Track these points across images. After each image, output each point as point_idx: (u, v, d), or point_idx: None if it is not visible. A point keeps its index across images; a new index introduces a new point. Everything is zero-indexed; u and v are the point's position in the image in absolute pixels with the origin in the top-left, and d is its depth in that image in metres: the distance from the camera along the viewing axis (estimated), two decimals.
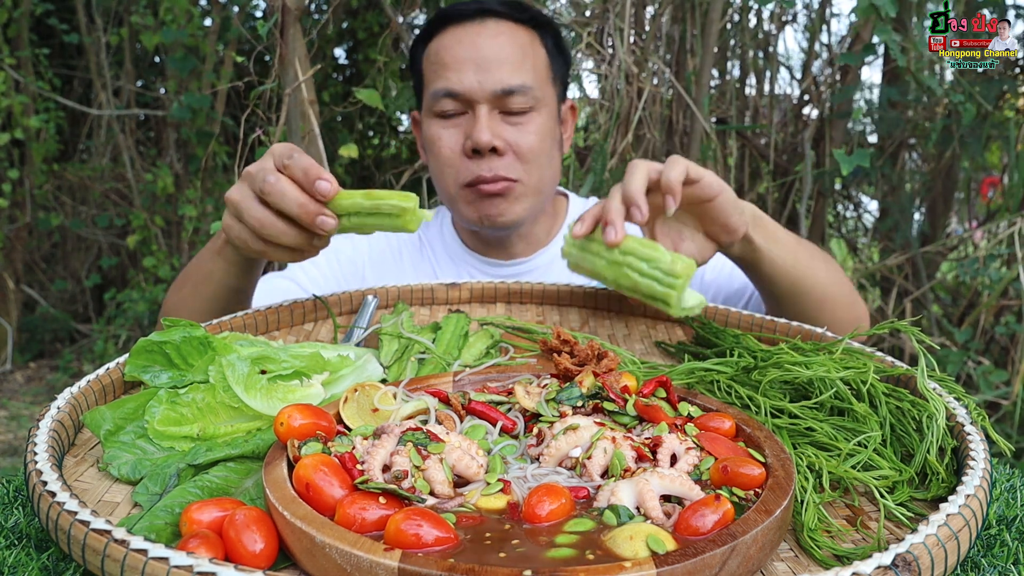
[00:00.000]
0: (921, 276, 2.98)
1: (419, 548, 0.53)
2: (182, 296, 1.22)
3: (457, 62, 1.39)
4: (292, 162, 0.95)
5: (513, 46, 1.40)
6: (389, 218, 0.96)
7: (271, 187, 0.95)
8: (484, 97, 1.38)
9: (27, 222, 4.57)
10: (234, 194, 1.00)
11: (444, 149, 1.42)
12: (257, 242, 1.00)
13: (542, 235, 1.57)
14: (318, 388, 0.84)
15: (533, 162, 1.42)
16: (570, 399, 0.74)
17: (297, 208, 0.94)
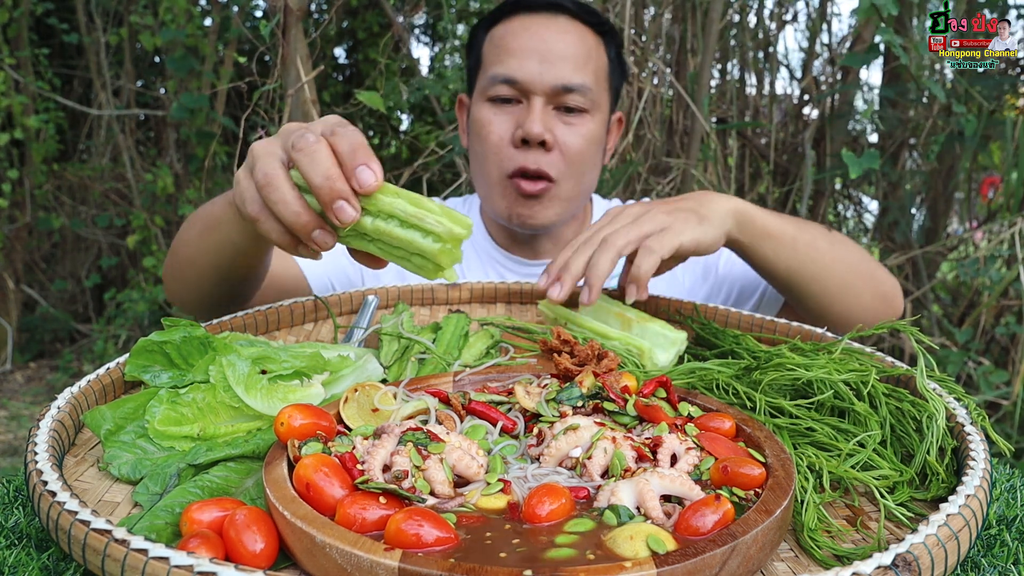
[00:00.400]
0: (921, 276, 2.97)
1: (419, 548, 0.53)
2: (187, 238, 1.13)
3: (521, 50, 1.38)
4: (344, 131, 0.79)
5: (579, 46, 1.40)
6: (424, 238, 0.77)
7: (305, 144, 0.77)
8: (542, 89, 1.37)
9: (27, 222, 4.57)
10: (259, 144, 0.84)
11: (493, 135, 1.41)
12: (255, 203, 0.81)
13: (570, 236, 1.57)
14: (318, 388, 0.84)
15: (577, 165, 1.41)
16: (570, 399, 0.74)
17: (321, 179, 0.76)
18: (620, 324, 1.07)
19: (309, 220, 0.79)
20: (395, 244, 0.79)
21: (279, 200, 0.78)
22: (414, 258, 0.79)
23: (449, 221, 0.77)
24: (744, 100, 3.20)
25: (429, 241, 0.77)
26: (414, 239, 0.77)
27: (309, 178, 0.76)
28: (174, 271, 1.20)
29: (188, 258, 1.12)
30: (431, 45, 5.43)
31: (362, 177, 0.77)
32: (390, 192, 0.78)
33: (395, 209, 0.77)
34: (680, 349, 1.02)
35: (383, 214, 0.78)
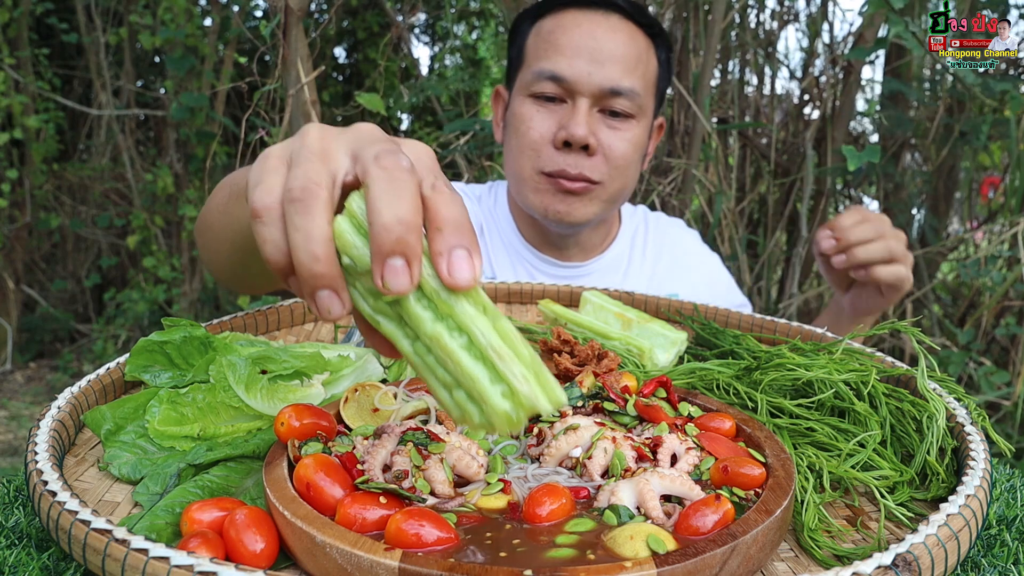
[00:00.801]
0: (922, 276, 2.97)
1: (420, 548, 0.53)
2: (214, 204, 0.98)
3: (571, 47, 1.33)
4: (451, 193, 0.54)
5: (631, 47, 1.35)
6: (493, 384, 0.51)
7: (395, 164, 0.52)
8: (589, 91, 1.32)
9: (27, 222, 4.57)
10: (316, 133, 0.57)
11: (533, 132, 1.36)
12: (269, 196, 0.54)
13: (597, 241, 1.54)
14: (318, 388, 0.84)
15: (619, 170, 1.38)
16: (570, 399, 0.74)
17: (394, 220, 0.50)
18: (620, 324, 1.07)
19: (325, 273, 0.52)
20: (445, 365, 0.52)
21: (302, 227, 0.52)
22: (458, 394, 0.53)
23: (537, 384, 0.52)
24: (745, 100, 3.20)
25: (498, 392, 0.51)
26: (479, 378, 0.51)
27: (378, 209, 0.50)
28: (199, 237, 1.08)
29: (209, 225, 0.99)
30: (431, 45, 5.43)
31: (458, 265, 0.51)
32: (477, 301, 0.52)
33: (474, 327, 0.52)
34: (680, 349, 1.02)
35: (452, 322, 0.52)
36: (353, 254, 0.52)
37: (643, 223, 1.64)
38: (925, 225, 3.08)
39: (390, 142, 0.55)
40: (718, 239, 2.86)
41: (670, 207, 2.80)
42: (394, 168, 0.51)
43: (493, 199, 1.58)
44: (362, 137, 0.57)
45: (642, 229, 1.63)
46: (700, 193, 2.88)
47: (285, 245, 0.53)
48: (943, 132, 2.85)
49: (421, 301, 0.52)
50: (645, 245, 1.60)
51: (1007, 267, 2.77)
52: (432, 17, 5.01)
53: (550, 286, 1.24)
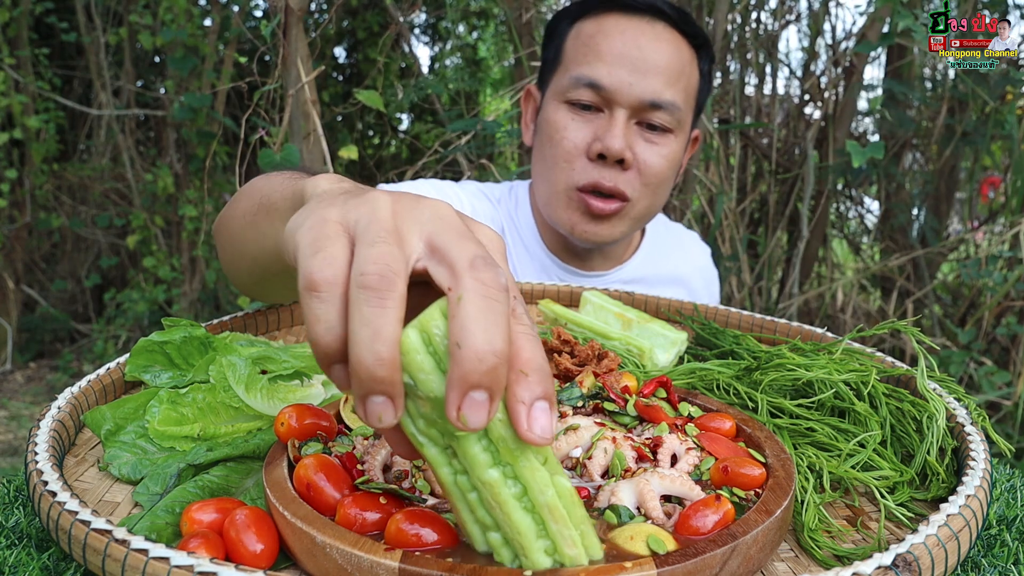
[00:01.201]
0: (923, 276, 2.98)
1: (420, 548, 0.53)
2: (238, 212, 0.89)
3: (612, 55, 1.26)
4: (522, 307, 0.48)
5: (675, 58, 1.29)
6: (537, 539, 0.49)
7: (493, 279, 0.45)
8: (628, 102, 1.26)
9: (27, 222, 4.57)
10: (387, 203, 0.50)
11: (567, 142, 1.30)
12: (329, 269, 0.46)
13: (620, 251, 1.51)
14: (319, 388, 0.84)
15: (653, 187, 1.33)
16: (570, 399, 0.74)
17: (487, 349, 0.43)
18: (620, 324, 1.07)
19: (387, 378, 0.45)
20: (491, 510, 0.49)
21: (373, 322, 0.44)
22: (493, 536, 0.50)
23: (582, 550, 0.50)
24: (746, 100, 3.20)
25: (541, 548, 0.49)
26: (526, 532, 0.49)
27: (472, 332, 0.43)
28: (218, 239, 1.01)
29: (231, 233, 0.92)
30: (431, 45, 5.43)
31: (539, 420, 0.46)
32: (541, 452, 0.49)
33: (533, 482, 0.48)
34: (680, 349, 1.02)
35: (511, 470, 0.48)
36: (419, 377, 0.45)
37: (664, 232, 1.63)
38: (925, 225, 3.08)
39: (475, 239, 0.48)
40: (719, 239, 2.86)
41: (671, 207, 2.80)
42: (492, 285, 0.44)
43: (514, 202, 1.52)
44: (441, 221, 0.49)
45: (663, 238, 1.61)
46: (701, 193, 2.89)
47: (342, 330, 0.46)
48: (945, 132, 2.85)
49: (482, 441, 0.47)
50: (668, 256, 1.59)
51: (1008, 267, 2.77)
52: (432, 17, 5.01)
53: (550, 286, 1.24)
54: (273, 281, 0.88)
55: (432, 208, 0.50)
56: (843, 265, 3.59)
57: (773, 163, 3.08)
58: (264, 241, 0.80)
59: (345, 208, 0.49)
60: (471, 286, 0.44)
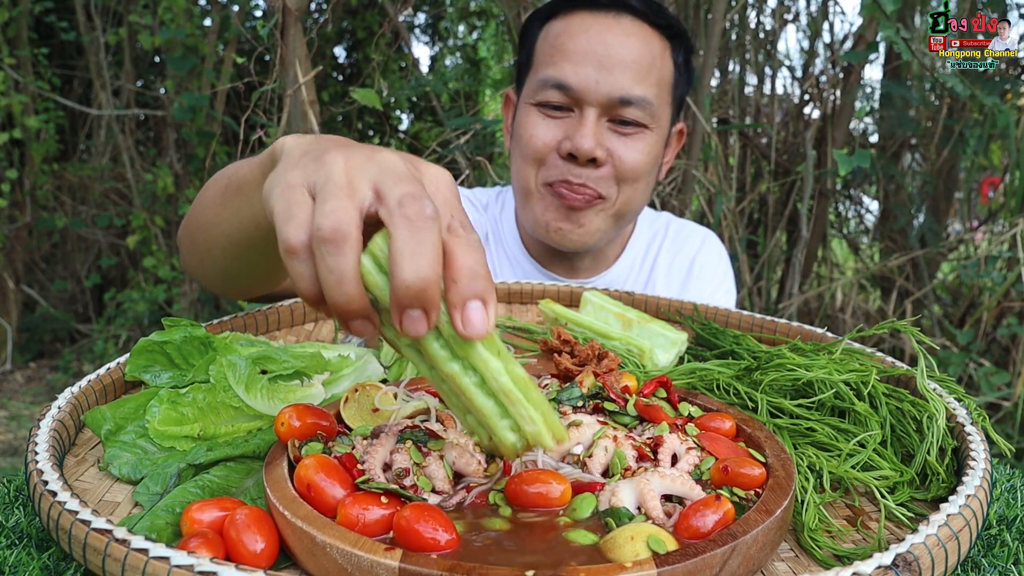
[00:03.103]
0: (923, 276, 2.98)
1: (427, 547, 0.53)
2: (207, 200, 0.93)
3: (578, 53, 1.24)
4: (469, 236, 0.55)
5: (643, 52, 1.26)
6: (502, 419, 0.57)
7: (418, 213, 0.53)
8: (597, 100, 1.24)
9: (27, 222, 4.57)
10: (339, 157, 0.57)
11: (536, 142, 1.28)
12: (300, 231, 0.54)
13: (610, 253, 1.47)
14: (319, 388, 0.84)
15: (630, 183, 1.29)
16: (571, 399, 0.74)
17: (414, 277, 0.51)
18: (621, 324, 1.07)
19: (359, 309, 0.54)
20: (459, 397, 0.58)
21: (335, 269, 0.53)
22: (470, 417, 0.59)
23: (545, 426, 0.57)
24: (745, 100, 3.20)
25: (506, 426, 0.57)
26: (489, 413, 0.57)
27: (399, 263, 0.52)
28: (187, 238, 1.02)
29: (201, 224, 0.94)
30: (431, 44, 5.43)
31: (470, 317, 0.53)
32: (491, 346, 0.55)
33: (487, 371, 0.55)
34: (680, 349, 1.02)
35: (466, 363, 0.56)
36: (376, 293, 0.55)
37: (663, 231, 1.56)
38: (925, 226, 3.09)
39: (413, 179, 0.56)
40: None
41: (670, 207, 2.80)
42: (417, 218, 0.52)
43: (500, 207, 1.51)
44: (385, 170, 0.56)
45: (660, 238, 1.54)
46: (700, 193, 2.88)
47: (314, 279, 0.55)
48: (943, 133, 2.85)
49: (439, 340, 0.55)
50: (658, 256, 1.52)
51: (1007, 267, 2.77)
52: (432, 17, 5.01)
53: (550, 286, 1.24)
54: (251, 257, 0.89)
55: (380, 159, 0.58)
56: (843, 265, 3.59)
57: (772, 163, 3.08)
58: (240, 216, 0.84)
59: (305, 171, 0.57)
60: (398, 222, 0.52)
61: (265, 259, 0.90)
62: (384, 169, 0.56)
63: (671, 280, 1.50)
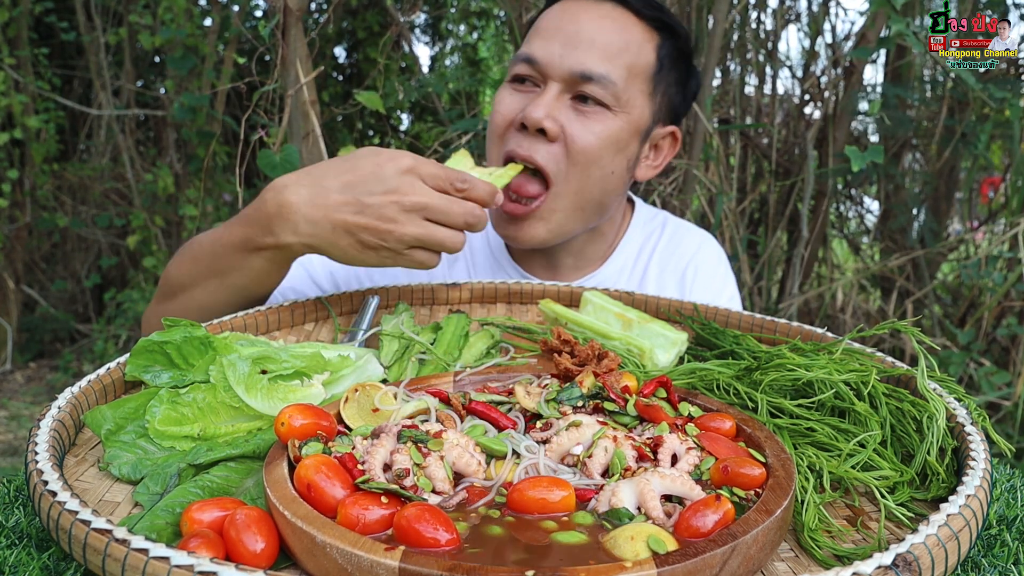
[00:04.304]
0: (923, 277, 2.97)
1: (428, 546, 0.53)
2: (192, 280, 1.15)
3: (549, 30, 1.26)
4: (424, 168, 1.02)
5: (616, 34, 1.25)
6: None
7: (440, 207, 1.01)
8: (559, 74, 1.23)
9: (27, 222, 4.57)
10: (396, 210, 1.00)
11: (498, 115, 1.28)
12: (399, 258, 1.03)
13: (593, 254, 1.42)
14: (319, 388, 0.84)
15: (582, 165, 1.24)
16: (570, 399, 0.74)
17: (462, 220, 1.03)
18: (621, 324, 1.07)
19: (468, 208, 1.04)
20: None
21: (459, 212, 1.02)
22: None
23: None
24: (746, 100, 3.20)
25: None
26: None
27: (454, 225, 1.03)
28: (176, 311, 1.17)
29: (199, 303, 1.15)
30: (431, 45, 5.43)
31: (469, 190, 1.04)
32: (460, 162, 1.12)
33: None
34: (680, 349, 1.02)
35: None
36: None
37: (659, 231, 1.50)
38: (924, 226, 3.09)
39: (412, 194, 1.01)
40: (719, 239, 2.86)
41: (671, 207, 2.80)
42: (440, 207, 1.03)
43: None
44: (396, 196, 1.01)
45: (654, 239, 1.49)
46: (701, 193, 2.88)
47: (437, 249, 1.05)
48: (944, 133, 2.85)
49: None
50: (651, 257, 1.47)
51: (1007, 268, 2.77)
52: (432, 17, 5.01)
53: (550, 286, 1.24)
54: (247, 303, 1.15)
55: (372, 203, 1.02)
56: (843, 265, 3.59)
57: (773, 163, 3.08)
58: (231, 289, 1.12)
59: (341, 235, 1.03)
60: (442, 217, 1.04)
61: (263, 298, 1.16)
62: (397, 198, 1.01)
63: (663, 287, 1.44)
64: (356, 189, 1.00)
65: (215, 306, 1.13)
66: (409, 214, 1.00)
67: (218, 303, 1.13)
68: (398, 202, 0.99)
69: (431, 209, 1.00)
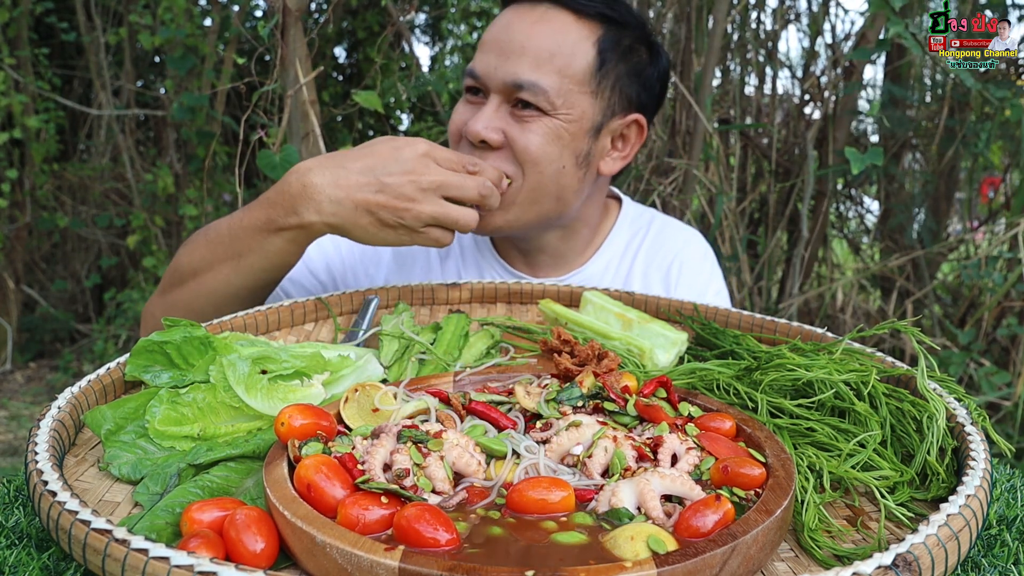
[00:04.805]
0: (923, 277, 2.97)
1: (428, 546, 0.53)
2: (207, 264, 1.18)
3: (488, 42, 1.30)
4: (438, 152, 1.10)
5: (547, 39, 1.26)
6: None
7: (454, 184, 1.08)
8: (496, 85, 1.27)
9: (27, 222, 4.57)
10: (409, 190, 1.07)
11: (452, 126, 1.34)
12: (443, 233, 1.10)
13: (570, 252, 1.44)
14: (319, 388, 0.84)
15: (530, 166, 1.27)
16: (570, 399, 0.74)
17: (477, 193, 1.11)
18: (621, 324, 1.07)
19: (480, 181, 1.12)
20: None
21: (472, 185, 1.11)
22: None
23: None
24: (746, 100, 3.20)
25: None
26: None
27: (469, 199, 1.11)
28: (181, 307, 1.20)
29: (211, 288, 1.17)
30: (431, 44, 5.43)
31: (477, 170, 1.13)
32: None
33: None
34: (680, 349, 1.02)
35: None
36: None
37: (645, 229, 1.51)
38: (924, 226, 3.09)
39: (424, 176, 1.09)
40: (719, 239, 2.86)
41: (671, 207, 2.80)
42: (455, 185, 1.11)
43: None
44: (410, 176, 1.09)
45: (640, 236, 1.50)
46: (701, 193, 2.88)
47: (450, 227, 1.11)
48: (945, 133, 2.85)
49: None
50: (636, 255, 1.49)
51: (1007, 268, 2.77)
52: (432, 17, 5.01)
53: (550, 286, 1.24)
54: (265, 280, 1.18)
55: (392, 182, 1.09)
56: (843, 265, 3.59)
57: (773, 163, 3.08)
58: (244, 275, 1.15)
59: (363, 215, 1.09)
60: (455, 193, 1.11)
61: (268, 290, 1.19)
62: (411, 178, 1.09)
63: (649, 283, 1.46)
64: (376, 171, 1.07)
65: (226, 290, 1.17)
66: (426, 192, 1.07)
67: (230, 287, 1.16)
68: (415, 181, 1.06)
69: (447, 185, 1.08)
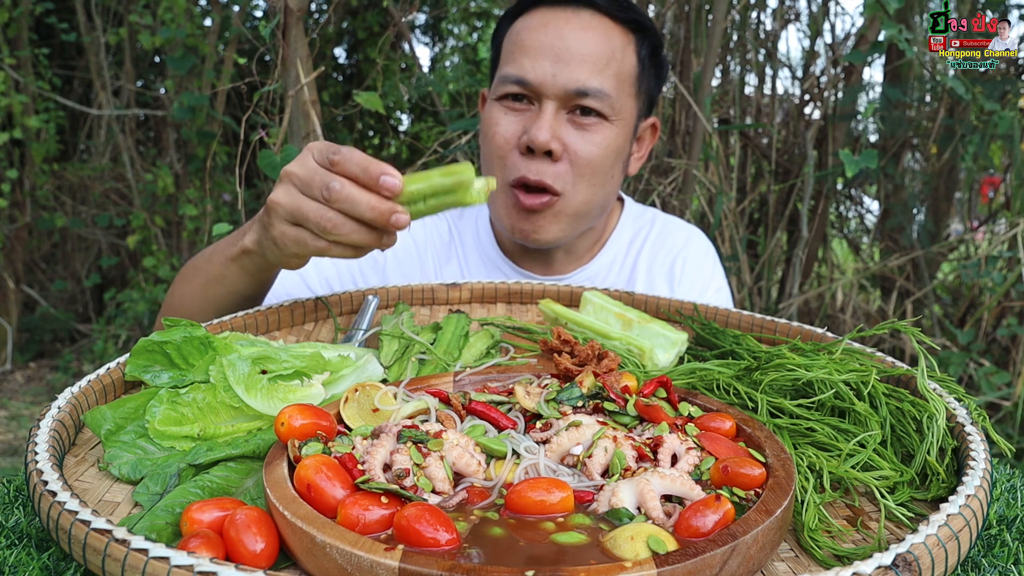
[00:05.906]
0: (923, 277, 2.98)
1: (428, 546, 0.53)
2: (189, 293, 1.16)
3: (536, 48, 1.27)
4: (342, 158, 0.88)
5: (602, 45, 1.27)
6: (451, 195, 0.92)
7: (337, 194, 0.87)
8: (554, 93, 1.25)
9: (27, 222, 4.57)
10: (283, 198, 0.92)
11: (498, 138, 1.30)
12: (318, 241, 0.92)
13: (584, 249, 1.46)
14: (319, 388, 0.84)
15: (588, 177, 1.29)
16: (570, 399, 0.74)
17: (370, 212, 0.88)
18: (621, 324, 1.07)
19: (386, 206, 0.88)
20: (436, 193, 0.92)
21: (358, 203, 0.88)
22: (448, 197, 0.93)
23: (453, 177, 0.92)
24: (746, 100, 3.20)
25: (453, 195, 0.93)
26: (444, 202, 0.93)
27: (358, 215, 0.89)
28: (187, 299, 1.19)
29: (191, 312, 1.15)
30: (432, 45, 5.43)
31: (387, 184, 0.88)
32: (410, 181, 0.90)
33: (420, 194, 0.91)
34: (680, 349, 1.02)
35: (414, 200, 0.92)
36: None
37: (648, 227, 1.54)
38: (922, 227, 3.09)
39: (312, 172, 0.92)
40: (718, 239, 2.86)
41: (670, 207, 2.80)
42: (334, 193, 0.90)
43: (476, 212, 1.51)
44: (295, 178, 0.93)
45: (644, 234, 1.53)
46: (700, 193, 2.89)
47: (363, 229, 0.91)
48: (944, 133, 2.85)
49: None
50: (640, 254, 1.50)
51: (1007, 268, 2.77)
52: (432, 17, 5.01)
53: (550, 286, 1.24)
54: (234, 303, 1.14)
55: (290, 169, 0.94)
56: (843, 265, 3.59)
57: (773, 163, 3.08)
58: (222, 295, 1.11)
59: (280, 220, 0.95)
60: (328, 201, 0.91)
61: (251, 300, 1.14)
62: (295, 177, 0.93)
63: (652, 279, 1.48)
64: None
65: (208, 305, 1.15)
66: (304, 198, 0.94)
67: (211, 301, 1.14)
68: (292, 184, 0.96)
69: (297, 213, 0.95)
